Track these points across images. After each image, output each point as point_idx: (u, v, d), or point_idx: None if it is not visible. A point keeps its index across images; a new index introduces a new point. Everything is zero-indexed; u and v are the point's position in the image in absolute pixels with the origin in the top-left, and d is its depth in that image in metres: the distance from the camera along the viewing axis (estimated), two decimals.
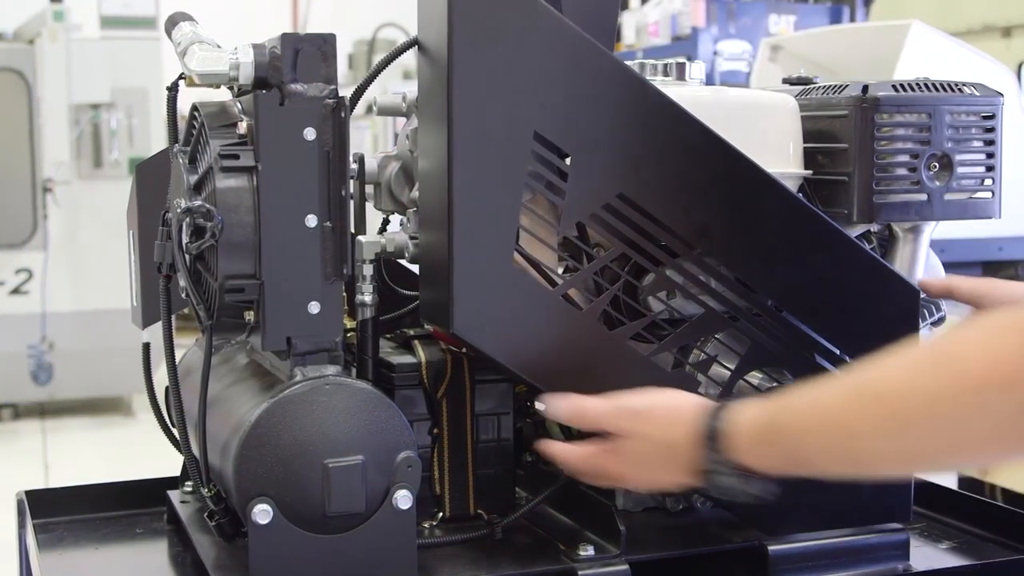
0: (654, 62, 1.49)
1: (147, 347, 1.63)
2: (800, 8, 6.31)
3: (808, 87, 1.57)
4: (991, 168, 1.53)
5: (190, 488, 1.57)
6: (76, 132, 6.17)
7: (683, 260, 1.34)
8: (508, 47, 1.26)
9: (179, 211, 1.25)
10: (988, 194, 1.54)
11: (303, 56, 1.24)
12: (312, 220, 1.25)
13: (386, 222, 1.55)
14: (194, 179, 1.30)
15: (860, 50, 3.92)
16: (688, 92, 1.42)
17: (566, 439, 1.39)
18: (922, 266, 1.55)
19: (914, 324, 1.42)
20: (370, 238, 1.41)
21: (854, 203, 1.47)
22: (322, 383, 1.26)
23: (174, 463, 1.57)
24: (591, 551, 1.36)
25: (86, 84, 6.07)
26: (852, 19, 6.35)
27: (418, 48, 1.34)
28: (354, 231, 1.39)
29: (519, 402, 1.46)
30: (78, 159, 6.20)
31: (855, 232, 1.50)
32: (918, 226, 1.53)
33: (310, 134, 1.24)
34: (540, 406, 1.30)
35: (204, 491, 1.34)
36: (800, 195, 1.43)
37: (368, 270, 1.39)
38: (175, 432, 1.44)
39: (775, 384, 1.38)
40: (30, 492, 1.64)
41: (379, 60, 1.47)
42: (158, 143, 5.87)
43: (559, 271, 1.38)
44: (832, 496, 1.39)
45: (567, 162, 1.30)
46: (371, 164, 1.48)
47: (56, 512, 1.62)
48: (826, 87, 1.53)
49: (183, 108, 1.37)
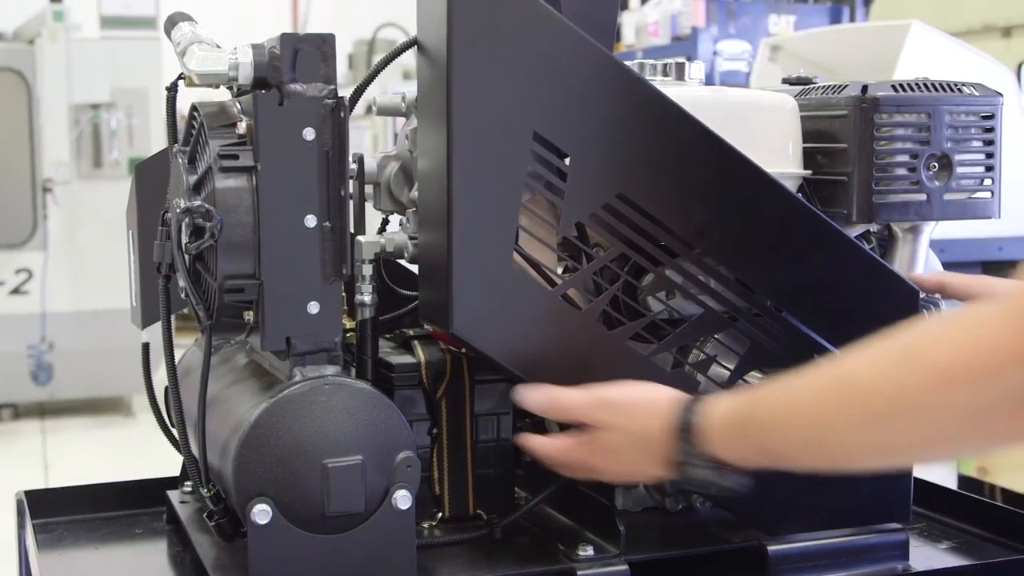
0: (653, 62, 1.49)
1: (146, 347, 1.63)
2: (800, 8, 6.31)
3: (808, 87, 1.57)
4: (990, 168, 1.53)
5: (189, 488, 1.57)
6: (76, 132, 6.17)
7: (682, 260, 1.34)
8: (507, 47, 1.26)
9: (178, 211, 1.25)
10: (987, 194, 1.54)
11: (302, 56, 1.24)
12: (311, 220, 1.25)
13: (385, 222, 1.55)
14: (193, 179, 1.30)
15: (860, 50, 3.92)
16: (687, 92, 1.42)
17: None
18: (921, 266, 1.55)
19: None
20: (369, 238, 1.41)
21: (853, 203, 1.47)
22: (321, 383, 1.25)
23: (174, 463, 1.57)
24: (590, 551, 1.36)
25: (86, 84, 6.07)
26: (852, 19, 6.34)
27: (417, 48, 1.34)
28: (353, 231, 1.39)
29: None
30: (78, 159, 6.21)
31: (854, 232, 1.50)
32: (917, 226, 1.53)
33: (309, 134, 1.24)
34: (515, 397, 1.30)
35: (203, 491, 1.34)
36: (799, 195, 1.43)
37: (367, 270, 1.39)
38: (175, 432, 1.44)
39: None
40: (30, 492, 1.64)
41: (379, 60, 1.47)
42: (158, 143, 5.86)
43: (558, 271, 1.38)
44: (832, 496, 1.39)
45: (566, 162, 1.30)
46: (370, 164, 1.48)
47: (56, 512, 1.62)
48: (825, 87, 1.53)
49: (183, 108, 1.37)
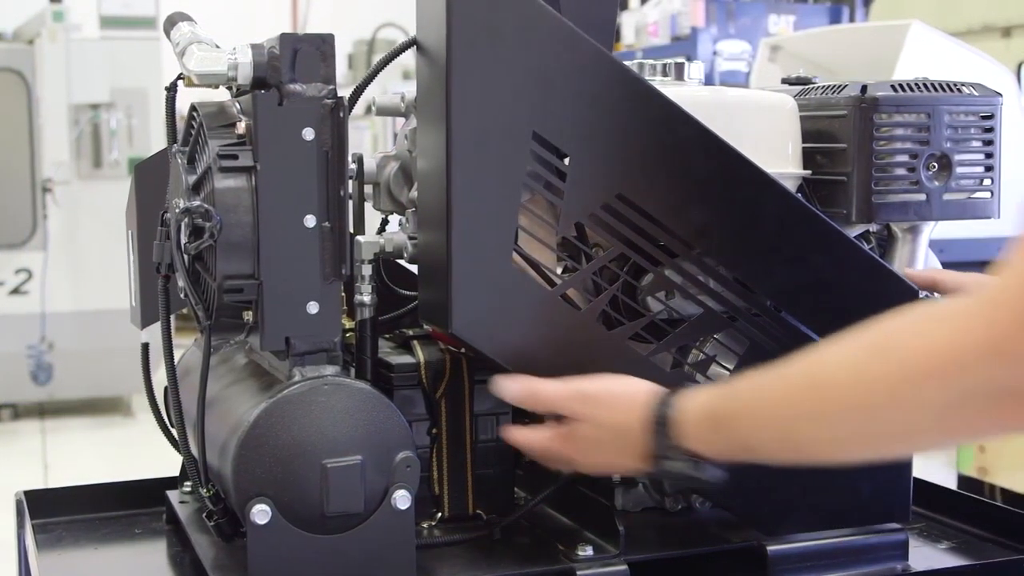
0: (653, 62, 1.49)
1: (146, 347, 1.63)
2: (800, 8, 6.32)
3: (807, 87, 1.57)
4: (990, 168, 1.53)
5: (189, 488, 1.57)
6: (76, 132, 6.17)
7: (682, 260, 1.34)
8: (507, 47, 1.26)
9: (178, 211, 1.25)
10: (987, 194, 1.54)
11: (302, 56, 1.24)
12: (311, 220, 1.25)
13: (385, 222, 1.55)
14: (193, 179, 1.30)
15: (859, 50, 3.93)
16: (687, 92, 1.42)
17: None
18: (921, 266, 1.55)
19: None
20: (369, 238, 1.41)
21: (853, 203, 1.47)
22: (321, 383, 1.25)
23: (173, 463, 1.57)
24: (590, 551, 1.36)
25: (86, 84, 6.06)
26: (852, 19, 6.35)
27: (417, 48, 1.34)
28: (353, 231, 1.39)
29: None
30: (78, 159, 6.20)
31: (854, 232, 1.50)
32: (917, 226, 1.53)
33: (309, 134, 1.24)
34: (492, 388, 1.31)
35: (203, 491, 1.34)
36: (799, 195, 1.43)
37: (367, 270, 1.39)
38: (174, 432, 1.44)
39: None
40: (29, 492, 1.64)
41: (378, 60, 1.47)
42: (157, 143, 5.86)
43: (558, 271, 1.38)
44: (831, 496, 1.39)
45: (566, 162, 1.30)
46: (370, 164, 1.48)
47: (55, 512, 1.62)
48: (825, 87, 1.53)
49: (182, 108, 1.37)
